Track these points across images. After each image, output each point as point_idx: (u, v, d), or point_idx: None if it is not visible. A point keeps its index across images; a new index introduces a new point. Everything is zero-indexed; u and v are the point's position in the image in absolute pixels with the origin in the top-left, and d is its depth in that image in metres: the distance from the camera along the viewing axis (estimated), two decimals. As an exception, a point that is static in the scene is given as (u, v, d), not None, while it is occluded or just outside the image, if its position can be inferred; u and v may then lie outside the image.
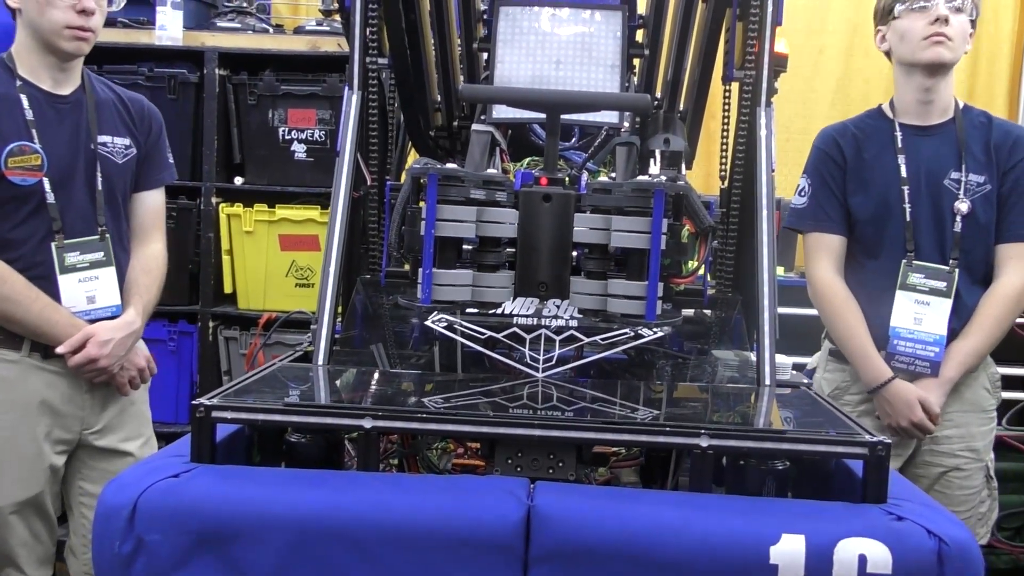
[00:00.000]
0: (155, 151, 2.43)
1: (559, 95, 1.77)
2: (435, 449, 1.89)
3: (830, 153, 2.42)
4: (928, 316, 2.30)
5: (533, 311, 1.58)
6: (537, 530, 1.23)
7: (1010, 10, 4.28)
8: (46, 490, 2.26)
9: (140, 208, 2.41)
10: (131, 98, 2.42)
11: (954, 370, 2.32)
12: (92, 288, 2.25)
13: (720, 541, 1.21)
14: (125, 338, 2.26)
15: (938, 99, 2.35)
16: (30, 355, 2.22)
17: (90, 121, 2.28)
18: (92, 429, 2.32)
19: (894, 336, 2.32)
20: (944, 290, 2.30)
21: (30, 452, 2.22)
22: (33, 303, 2.17)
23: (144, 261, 2.38)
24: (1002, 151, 2.32)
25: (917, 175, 2.34)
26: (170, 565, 1.24)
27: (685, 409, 1.64)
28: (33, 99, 2.21)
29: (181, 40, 3.61)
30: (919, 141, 2.36)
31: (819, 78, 4.38)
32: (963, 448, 2.41)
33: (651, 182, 1.53)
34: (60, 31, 2.18)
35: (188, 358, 3.69)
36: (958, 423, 2.40)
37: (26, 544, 2.25)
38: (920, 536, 1.21)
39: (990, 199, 2.31)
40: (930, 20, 2.26)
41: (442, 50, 2.12)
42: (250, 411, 1.36)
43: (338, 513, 1.24)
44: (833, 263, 2.40)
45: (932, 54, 2.27)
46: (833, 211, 2.40)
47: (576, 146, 2.35)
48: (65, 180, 2.23)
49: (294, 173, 3.65)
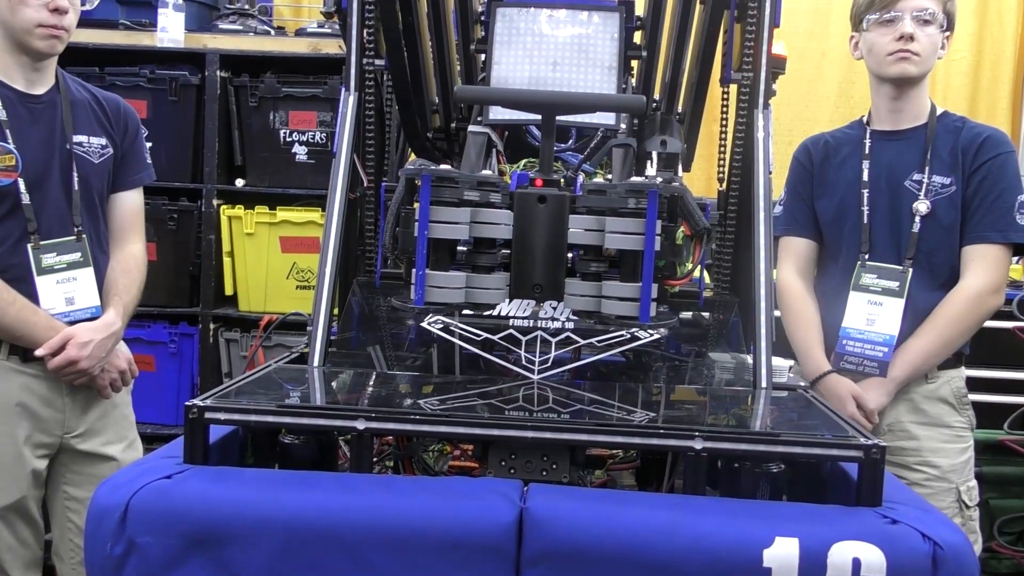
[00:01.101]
0: (132, 151, 2.41)
1: (554, 96, 1.77)
2: (431, 452, 1.89)
3: (801, 161, 2.47)
4: (880, 316, 2.27)
5: (529, 313, 1.58)
6: (529, 532, 1.22)
7: (1014, 12, 4.27)
8: (28, 495, 2.24)
9: (118, 209, 2.40)
10: (106, 98, 2.40)
11: (900, 369, 2.27)
12: (70, 289, 2.24)
13: (713, 544, 1.20)
14: (105, 339, 2.25)
15: (908, 106, 2.35)
16: (8, 358, 2.21)
17: (65, 121, 2.26)
18: (74, 432, 2.30)
19: (844, 336, 2.31)
20: (896, 290, 2.27)
21: (10, 457, 2.20)
22: (10, 305, 2.15)
23: (123, 262, 2.37)
24: (969, 153, 2.28)
25: (879, 177, 2.34)
26: (162, 567, 1.24)
27: (680, 411, 1.64)
28: (6, 99, 2.19)
29: (183, 42, 3.62)
30: (885, 145, 2.36)
31: (821, 82, 4.37)
32: (919, 463, 2.31)
33: (645, 183, 1.53)
34: (32, 30, 2.16)
35: (189, 360, 3.69)
36: (915, 435, 2.32)
37: (12, 549, 2.24)
38: (915, 539, 1.20)
39: (955, 201, 2.27)
40: (895, 36, 2.26)
41: (439, 52, 2.12)
42: (243, 412, 1.36)
43: (330, 515, 1.24)
44: (796, 265, 2.42)
45: (897, 70, 2.28)
46: (801, 216, 2.43)
47: (573, 148, 2.35)
48: (40, 180, 2.21)
49: (295, 175, 3.66)
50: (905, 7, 2.25)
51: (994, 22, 4.22)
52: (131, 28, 3.67)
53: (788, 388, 1.76)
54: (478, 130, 2.00)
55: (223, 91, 3.63)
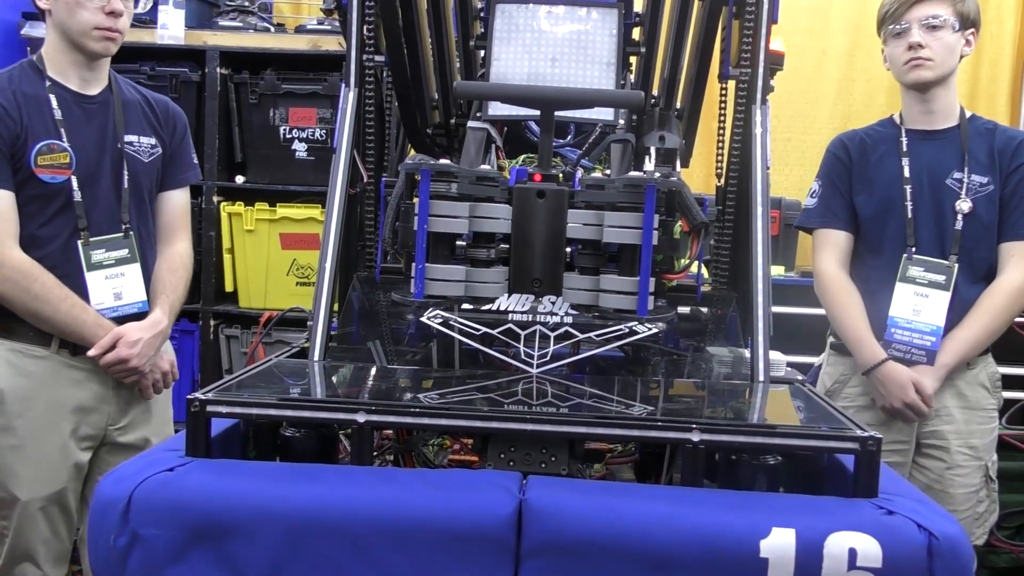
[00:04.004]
0: (180, 151, 2.48)
1: (553, 91, 1.78)
2: (431, 446, 1.90)
3: (838, 155, 2.54)
4: (926, 308, 2.38)
5: (528, 307, 1.59)
6: (529, 524, 1.23)
7: (1012, 11, 4.27)
8: (69, 487, 2.29)
9: (166, 207, 2.46)
10: (156, 99, 2.47)
11: (949, 357, 2.38)
12: (119, 285, 2.29)
13: (711, 535, 1.21)
14: (153, 338, 2.30)
15: (939, 107, 2.45)
16: (59, 351, 2.26)
17: (117, 121, 2.32)
18: (117, 425, 2.36)
19: (892, 325, 2.41)
20: (943, 283, 2.38)
21: (56, 449, 2.25)
22: (62, 302, 2.20)
23: (170, 260, 2.42)
24: (1005, 155, 2.41)
25: (920, 175, 2.43)
26: (165, 559, 1.25)
27: (678, 405, 1.65)
28: (61, 99, 2.26)
29: (183, 39, 3.63)
30: (923, 144, 2.46)
31: (821, 79, 4.37)
32: (961, 445, 2.44)
33: (643, 178, 1.54)
34: (89, 32, 2.23)
35: (189, 356, 3.70)
36: (956, 419, 2.44)
37: (46, 541, 2.28)
38: (910, 530, 1.21)
39: (993, 200, 2.39)
40: (906, 47, 2.39)
41: (439, 48, 2.12)
42: (245, 405, 1.37)
43: (331, 507, 1.24)
44: (837, 257, 2.50)
45: (913, 77, 2.41)
46: (839, 209, 2.50)
47: (572, 143, 2.36)
48: (92, 178, 2.27)
49: (295, 172, 3.66)
50: (912, 17, 2.38)
51: (993, 20, 4.22)
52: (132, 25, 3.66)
53: (785, 381, 1.77)
54: (477, 126, 2.01)
55: (223, 88, 3.64)
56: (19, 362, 2.24)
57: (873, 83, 4.33)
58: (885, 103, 4.32)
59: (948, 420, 2.44)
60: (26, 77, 2.26)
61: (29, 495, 2.23)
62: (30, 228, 2.21)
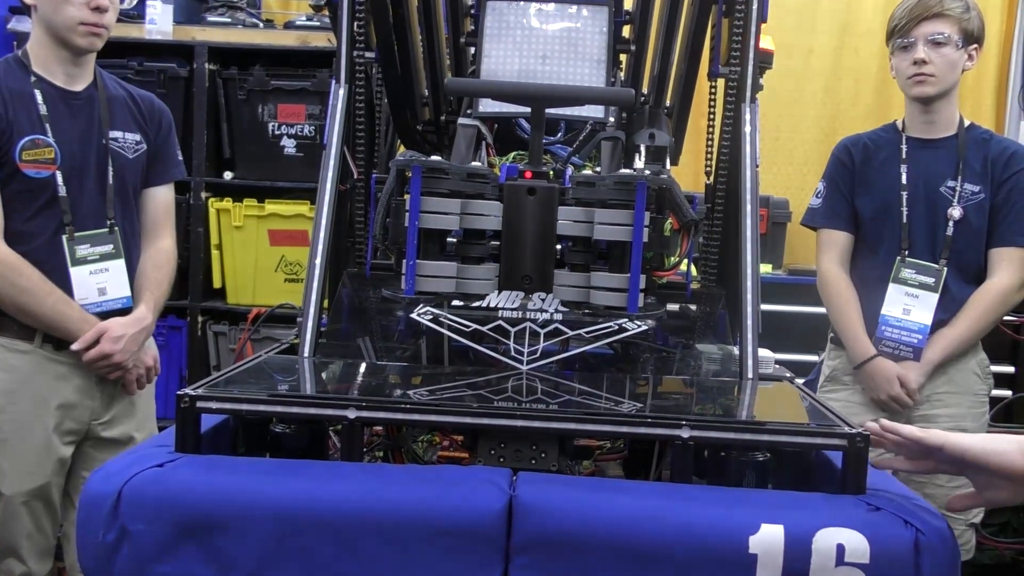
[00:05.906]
0: (164, 147, 2.48)
1: (543, 89, 1.78)
2: (421, 442, 1.90)
3: (842, 159, 2.67)
4: (916, 308, 2.52)
5: (518, 304, 1.59)
6: (519, 519, 1.23)
7: (997, 10, 4.30)
8: (52, 481, 2.29)
9: (150, 203, 2.46)
10: (141, 95, 2.46)
11: (937, 354, 2.52)
12: (103, 280, 2.29)
13: (700, 531, 1.22)
14: (137, 334, 2.31)
15: (939, 118, 2.57)
16: (42, 346, 2.26)
17: (102, 116, 2.32)
18: (100, 420, 2.35)
19: (883, 323, 2.55)
20: (932, 285, 2.52)
21: (40, 443, 2.25)
22: (47, 296, 2.20)
23: (155, 256, 2.43)
24: (998, 165, 2.54)
25: (916, 182, 2.56)
26: (154, 554, 1.24)
27: (668, 401, 1.65)
28: (47, 94, 2.25)
29: (171, 34, 3.62)
30: (922, 152, 2.59)
31: (808, 78, 4.40)
32: (953, 427, 2.48)
33: (633, 175, 1.54)
34: (74, 27, 2.22)
35: (177, 353, 3.69)
36: (948, 403, 2.56)
37: (30, 536, 2.27)
38: (897, 526, 1.22)
39: (983, 207, 2.52)
40: (911, 62, 2.50)
41: (429, 45, 2.12)
42: (234, 401, 1.37)
43: (320, 503, 1.24)
44: (837, 257, 2.64)
45: (916, 92, 2.54)
46: (841, 210, 2.64)
47: (562, 140, 2.36)
48: (77, 174, 2.27)
49: (284, 168, 3.66)
50: (919, 33, 2.49)
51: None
52: (119, 20, 3.64)
53: (774, 379, 1.78)
54: (468, 122, 2.01)
55: (211, 84, 3.63)
56: (2, 356, 2.24)
57: (860, 82, 4.36)
58: (872, 102, 4.34)
59: (940, 404, 2.56)
60: (11, 72, 2.25)
61: (12, 489, 2.22)
62: (15, 223, 2.20)
